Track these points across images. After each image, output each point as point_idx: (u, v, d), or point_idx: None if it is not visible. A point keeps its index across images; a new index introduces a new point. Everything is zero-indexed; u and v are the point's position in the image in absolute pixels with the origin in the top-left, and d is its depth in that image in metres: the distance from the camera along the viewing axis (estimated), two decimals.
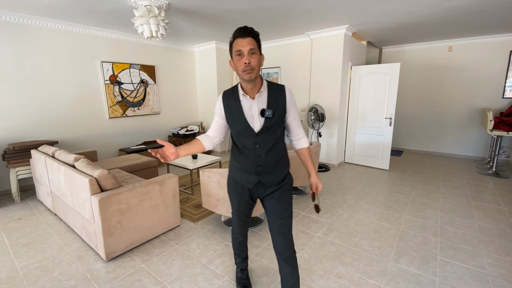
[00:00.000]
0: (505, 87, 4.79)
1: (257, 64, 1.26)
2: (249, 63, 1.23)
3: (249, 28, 1.25)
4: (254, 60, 1.24)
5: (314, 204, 1.55)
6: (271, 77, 5.44)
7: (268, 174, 1.41)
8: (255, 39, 1.26)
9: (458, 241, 2.35)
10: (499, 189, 3.62)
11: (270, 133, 1.35)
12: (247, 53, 1.23)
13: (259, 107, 1.33)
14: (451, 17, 3.62)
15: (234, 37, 1.26)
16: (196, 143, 1.50)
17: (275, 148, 1.38)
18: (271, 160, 1.38)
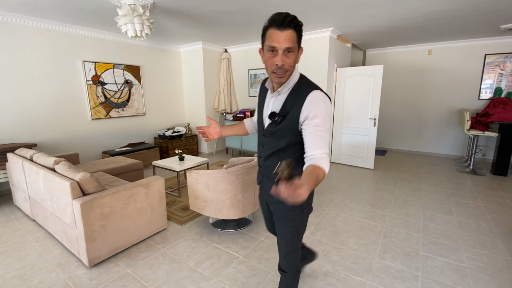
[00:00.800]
0: (481, 89, 5.04)
1: (292, 65, 1.04)
2: (282, 66, 1.01)
3: (291, 17, 0.97)
4: (289, 60, 1.02)
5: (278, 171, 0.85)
6: (258, 78, 5.45)
7: (268, 179, 1.28)
8: (296, 32, 1.00)
9: (439, 237, 2.45)
10: (476, 186, 3.79)
11: (274, 139, 1.16)
12: (282, 52, 0.99)
13: (273, 106, 1.15)
14: (430, 22, 3.78)
15: (269, 24, 0.99)
16: (239, 125, 1.48)
17: (278, 157, 1.16)
18: (270, 167, 1.21)
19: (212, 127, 1.37)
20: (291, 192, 0.77)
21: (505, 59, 4.76)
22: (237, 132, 1.47)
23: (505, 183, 3.92)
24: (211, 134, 1.38)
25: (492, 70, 4.90)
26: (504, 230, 2.55)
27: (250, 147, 5.24)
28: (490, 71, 4.92)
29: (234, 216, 2.41)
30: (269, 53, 1.02)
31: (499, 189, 3.67)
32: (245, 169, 2.32)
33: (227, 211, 2.38)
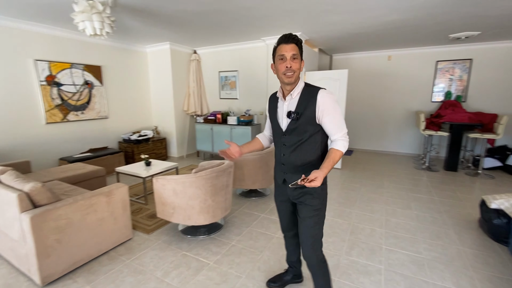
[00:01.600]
0: (433, 93, 5.52)
1: (297, 68, 1.34)
2: (290, 67, 1.32)
3: (294, 35, 1.34)
4: (295, 64, 1.33)
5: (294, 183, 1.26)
6: (229, 80, 5.42)
7: (293, 174, 1.44)
8: (298, 46, 1.33)
9: (400, 230, 2.61)
10: (431, 181, 4.13)
11: (296, 135, 1.39)
12: (289, 57, 1.31)
13: (288, 108, 1.41)
14: (389, 30, 4.05)
15: (278, 43, 1.35)
16: (255, 141, 1.66)
17: (301, 150, 1.40)
18: (296, 161, 1.42)
19: (232, 148, 1.50)
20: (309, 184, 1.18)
21: (454, 65, 5.27)
22: (254, 147, 1.65)
23: (455, 178, 4.32)
24: (233, 154, 1.50)
25: (443, 76, 5.39)
26: (455, 221, 2.80)
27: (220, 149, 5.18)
28: (441, 76, 5.40)
29: (204, 221, 2.35)
30: (280, 61, 1.34)
31: (451, 183, 4.03)
32: (215, 173, 2.28)
33: (197, 217, 2.32)
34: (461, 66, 5.21)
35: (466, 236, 2.50)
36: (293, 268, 1.85)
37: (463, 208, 3.12)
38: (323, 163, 1.28)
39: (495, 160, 4.74)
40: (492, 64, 4.95)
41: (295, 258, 1.82)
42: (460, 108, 5.01)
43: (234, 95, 5.41)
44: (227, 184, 2.45)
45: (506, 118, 4.11)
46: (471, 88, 5.20)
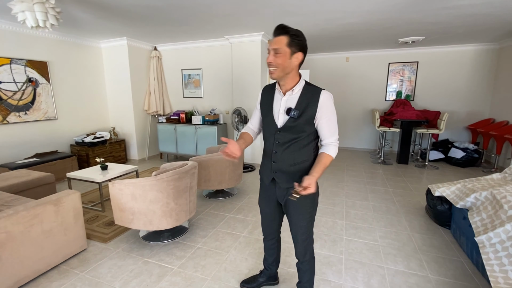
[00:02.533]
0: (387, 92, 5.98)
1: (280, 63, 1.24)
2: (269, 62, 1.24)
3: (281, 26, 1.22)
4: (276, 59, 1.23)
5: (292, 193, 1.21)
6: (193, 79, 5.28)
7: (283, 173, 1.39)
8: (289, 37, 1.21)
9: (358, 221, 2.78)
10: (386, 174, 4.47)
11: (291, 133, 1.33)
12: (271, 52, 1.24)
13: (287, 104, 1.33)
14: (346, 33, 4.28)
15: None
16: (245, 135, 1.54)
17: (294, 149, 1.34)
18: (287, 160, 1.36)
19: (231, 146, 1.32)
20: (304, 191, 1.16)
21: (404, 67, 5.76)
22: (248, 142, 1.53)
23: (406, 170, 4.73)
24: (233, 153, 1.32)
25: (394, 76, 5.87)
26: (406, 210, 3.06)
27: (187, 150, 5.03)
28: (393, 77, 5.88)
29: (167, 226, 2.26)
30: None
31: (403, 175, 4.41)
32: (177, 175, 2.20)
33: (159, 222, 2.22)
34: (409, 68, 5.72)
35: (415, 223, 2.75)
36: (269, 270, 1.81)
37: (413, 197, 3.43)
38: (314, 168, 1.27)
39: (438, 152, 5.29)
40: (435, 66, 5.52)
41: (271, 260, 1.77)
42: (409, 106, 5.50)
43: (199, 93, 5.28)
44: (191, 186, 2.38)
45: (446, 114, 4.61)
46: (418, 88, 5.74)
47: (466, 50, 5.25)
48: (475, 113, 5.41)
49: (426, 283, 1.87)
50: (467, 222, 2.13)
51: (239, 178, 3.41)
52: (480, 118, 5.36)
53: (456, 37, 4.60)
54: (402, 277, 1.93)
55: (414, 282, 1.88)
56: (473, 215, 2.03)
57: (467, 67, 5.31)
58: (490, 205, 1.97)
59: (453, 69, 5.40)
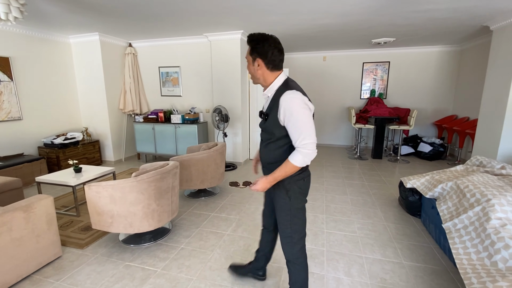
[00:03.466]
0: (361, 91, 6.24)
1: (249, 71, 1.36)
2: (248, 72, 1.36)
3: (248, 35, 1.30)
4: (248, 68, 1.37)
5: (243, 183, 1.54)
6: (171, 76, 5.15)
7: (264, 168, 1.46)
8: (250, 45, 1.30)
9: (338, 214, 2.90)
10: (362, 169, 4.69)
11: (265, 133, 1.39)
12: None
13: (265, 106, 1.40)
14: (323, 33, 4.40)
15: None
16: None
17: (270, 149, 1.37)
18: (265, 157, 1.42)
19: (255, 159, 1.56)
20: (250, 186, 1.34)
21: (377, 66, 6.04)
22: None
23: (381, 164, 4.99)
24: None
25: (368, 75, 6.14)
26: (381, 202, 3.24)
27: (166, 150, 4.91)
28: (367, 76, 6.15)
29: (149, 227, 2.20)
30: None
31: (377, 169, 4.64)
32: (159, 175, 2.15)
33: (140, 224, 2.16)
34: (382, 68, 6.01)
35: (390, 213, 2.92)
36: (257, 262, 1.82)
37: (387, 190, 3.63)
38: (275, 170, 1.27)
39: (409, 147, 5.63)
40: (405, 66, 5.85)
41: (262, 253, 1.78)
42: (382, 104, 5.79)
43: (177, 92, 5.17)
44: (173, 186, 2.34)
45: (415, 111, 4.91)
46: (389, 86, 6.05)
47: (432, 51, 5.62)
48: (440, 110, 5.82)
49: (401, 269, 2.00)
50: (435, 210, 2.31)
51: (222, 177, 3.41)
52: (445, 115, 5.78)
53: (423, 39, 4.91)
54: (379, 265, 2.05)
55: (389, 269, 2.00)
56: (440, 204, 2.20)
57: (433, 67, 5.69)
58: (454, 194, 2.14)
59: (421, 69, 5.77)
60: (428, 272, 1.97)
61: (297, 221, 1.40)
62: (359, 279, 1.90)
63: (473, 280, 1.42)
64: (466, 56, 5.27)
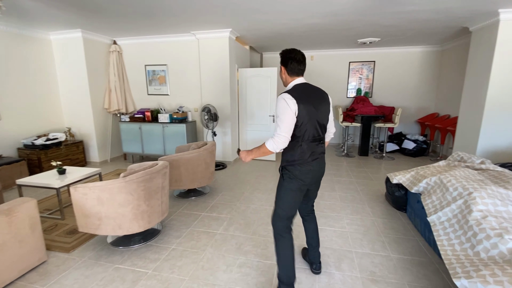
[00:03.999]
0: (348, 90, 6.37)
1: (280, 75, 1.68)
2: None
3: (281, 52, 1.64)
4: (279, 73, 1.69)
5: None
6: (157, 75, 5.05)
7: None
8: (280, 57, 1.62)
9: (327, 211, 2.95)
10: (349, 166, 4.79)
11: None
12: None
13: None
14: (311, 32, 4.46)
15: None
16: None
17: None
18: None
19: None
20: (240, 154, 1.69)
21: (362, 66, 6.18)
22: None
23: (367, 161, 5.11)
24: None
25: (354, 75, 6.27)
26: (369, 198, 3.32)
27: (154, 150, 4.82)
28: (353, 75, 6.28)
29: (139, 229, 2.16)
30: None
31: (364, 166, 4.75)
32: (148, 175, 2.11)
33: (129, 225, 2.11)
34: (367, 67, 6.16)
35: (377, 209, 3.01)
36: (307, 248, 1.99)
37: (374, 186, 3.73)
38: (254, 147, 1.63)
39: (394, 144, 5.80)
40: (389, 66, 6.02)
41: (307, 240, 1.95)
42: (368, 103, 5.93)
43: (164, 91, 5.08)
44: (162, 186, 2.31)
45: (400, 109, 5.07)
46: (375, 85, 6.21)
47: (415, 51, 5.81)
48: (423, 108, 6.03)
49: (389, 261, 2.07)
50: (420, 205, 2.40)
51: (211, 176, 3.38)
52: (427, 113, 5.99)
53: (406, 40, 5.07)
54: (368, 258, 2.11)
55: (378, 262, 2.06)
56: (425, 198, 2.29)
57: (415, 67, 5.89)
58: (438, 188, 2.23)
59: (405, 69, 5.95)
60: (415, 263, 2.04)
61: (286, 200, 1.61)
62: (349, 273, 1.94)
63: (458, 270, 1.49)
64: (446, 56, 5.49)
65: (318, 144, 1.60)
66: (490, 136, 3.61)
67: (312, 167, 1.58)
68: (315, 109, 1.52)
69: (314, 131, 1.54)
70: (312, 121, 1.51)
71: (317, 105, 1.54)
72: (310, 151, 1.55)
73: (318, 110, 1.54)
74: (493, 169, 2.47)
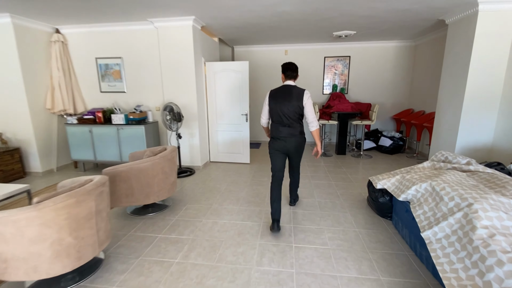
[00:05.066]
0: (324, 86, 6.12)
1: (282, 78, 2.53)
2: None
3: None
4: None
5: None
6: (111, 69, 4.40)
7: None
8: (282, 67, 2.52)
9: (306, 222, 2.60)
10: (327, 166, 4.51)
11: None
12: None
13: None
14: (283, 23, 4.07)
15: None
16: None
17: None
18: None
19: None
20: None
21: (338, 61, 5.95)
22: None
23: (345, 160, 4.88)
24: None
25: (330, 70, 6.02)
26: (350, 204, 3.03)
27: (108, 156, 4.18)
28: (329, 71, 6.03)
29: (64, 269, 1.64)
30: None
31: (342, 166, 4.51)
32: (73, 199, 1.59)
33: (49, 266, 1.58)
34: (343, 62, 5.94)
35: (360, 217, 2.71)
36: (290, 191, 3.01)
37: (354, 189, 3.47)
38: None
39: (370, 142, 5.65)
40: (364, 61, 5.85)
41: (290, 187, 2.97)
42: (344, 99, 5.72)
43: (120, 87, 4.44)
44: (98, 210, 1.79)
45: (377, 106, 4.89)
46: (350, 81, 6.02)
47: (389, 46, 5.69)
48: (398, 104, 5.95)
49: (379, 287, 1.75)
50: (410, 215, 2.12)
51: (173, 187, 2.89)
52: (402, 109, 5.92)
53: (382, 33, 4.88)
54: (355, 285, 1.77)
55: None
56: (415, 208, 2.00)
57: (390, 62, 5.77)
58: (430, 197, 1.96)
59: (379, 64, 5.81)
60: None
61: (270, 160, 2.50)
62: None
63: None
64: (420, 51, 5.41)
65: (283, 126, 2.38)
66: (469, 133, 3.49)
67: (279, 140, 2.40)
68: (278, 103, 2.36)
69: (278, 117, 2.38)
70: (276, 110, 2.36)
71: (281, 101, 2.35)
72: (277, 130, 2.40)
73: (281, 104, 2.34)
74: (482, 170, 2.25)
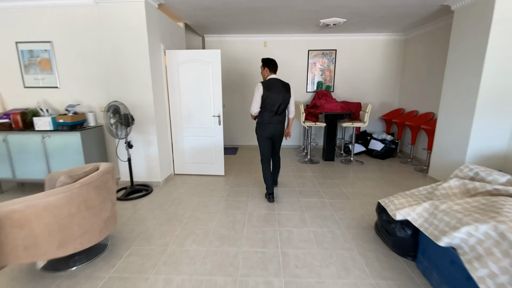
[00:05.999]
0: (308, 82, 5.44)
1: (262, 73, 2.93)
2: None
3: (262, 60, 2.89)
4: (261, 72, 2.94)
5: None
6: (38, 57, 3.33)
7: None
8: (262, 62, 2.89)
9: (301, 271, 1.84)
10: (316, 176, 3.82)
11: None
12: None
13: None
14: (261, 2, 3.29)
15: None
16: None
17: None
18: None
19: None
20: None
21: (323, 56, 5.29)
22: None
23: (334, 168, 4.23)
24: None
25: (315, 65, 5.36)
26: (354, 233, 2.34)
27: (32, 173, 3.12)
28: (313, 66, 5.36)
29: None
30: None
31: (333, 176, 3.84)
32: None
33: None
34: (328, 57, 5.30)
35: (372, 257, 2.01)
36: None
37: (355, 210, 2.78)
38: None
39: (359, 145, 5.08)
40: (352, 55, 5.25)
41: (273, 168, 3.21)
42: (331, 98, 5.08)
43: (51, 81, 3.38)
44: None
45: (370, 106, 4.29)
46: (336, 78, 5.40)
47: (378, 39, 5.14)
48: (387, 103, 5.45)
49: None
50: (457, 268, 1.44)
51: (112, 222, 2.00)
52: (391, 108, 5.43)
53: (373, 23, 4.29)
54: None
55: None
56: (473, 264, 1.32)
57: (379, 56, 5.23)
58: (497, 248, 1.28)
59: (367, 59, 5.25)
60: None
61: (260, 146, 2.94)
62: None
63: None
64: (410, 46, 4.92)
65: (276, 115, 2.82)
66: (483, 139, 2.96)
67: (270, 125, 2.84)
68: (274, 94, 2.74)
69: (272, 107, 2.77)
70: (271, 100, 2.75)
71: (277, 92, 2.75)
72: (270, 118, 2.81)
73: (277, 94, 2.75)
74: None
